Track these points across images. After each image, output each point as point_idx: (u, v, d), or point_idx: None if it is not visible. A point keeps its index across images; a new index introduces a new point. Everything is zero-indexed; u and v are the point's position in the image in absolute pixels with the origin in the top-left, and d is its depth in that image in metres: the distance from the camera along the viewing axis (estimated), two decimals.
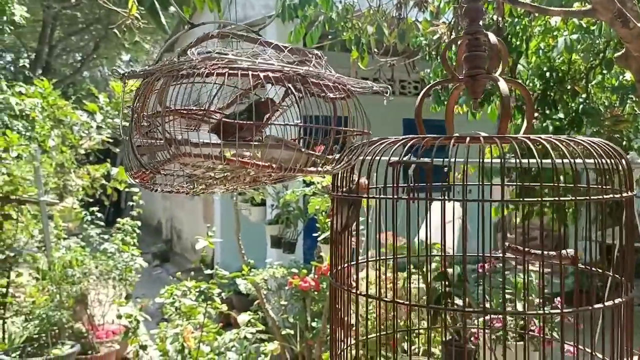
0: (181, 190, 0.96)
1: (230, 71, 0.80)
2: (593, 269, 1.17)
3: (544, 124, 3.26)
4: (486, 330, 2.48)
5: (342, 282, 1.23)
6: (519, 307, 2.35)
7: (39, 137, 6.27)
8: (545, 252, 1.19)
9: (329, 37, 3.36)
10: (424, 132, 1.13)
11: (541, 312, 1.25)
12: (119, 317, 4.22)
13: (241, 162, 0.81)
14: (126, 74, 0.84)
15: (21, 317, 5.13)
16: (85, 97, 8.51)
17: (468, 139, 1.01)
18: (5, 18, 8.72)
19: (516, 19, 3.17)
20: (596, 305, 1.03)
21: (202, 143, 0.79)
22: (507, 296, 2.38)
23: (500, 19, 2.91)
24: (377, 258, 1.45)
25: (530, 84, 3.61)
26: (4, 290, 5.20)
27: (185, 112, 0.92)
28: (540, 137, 1.00)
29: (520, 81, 3.69)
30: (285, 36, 3.60)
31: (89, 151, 6.57)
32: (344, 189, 1.16)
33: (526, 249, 1.19)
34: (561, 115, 3.56)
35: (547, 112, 3.60)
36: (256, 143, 0.83)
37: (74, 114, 6.32)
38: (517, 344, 2.24)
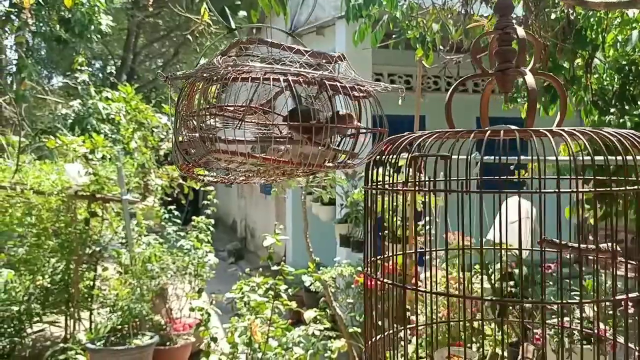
0: (224, 181, 1.02)
1: (253, 75, 0.85)
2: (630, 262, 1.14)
3: (621, 120, 3.11)
4: (549, 332, 2.40)
5: (375, 272, 1.26)
6: (587, 309, 2.26)
7: (124, 139, 6.65)
8: (584, 246, 1.17)
9: (394, 36, 3.35)
10: (453, 126, 1.13)
11: (559, 302, 1.28)
12: (192, 309, 4.41)
13: (263, 159, 0.86)
14: (169, 77, 0.91)
15: (106, 308, 5.46)
16: (165, 100, 8.91)
17: (488, 132, 1.00)
18: (93, 27, 9.28)
19: (590, 11, 3.03)
20: (618, 297, 1.02)
21: (229, 140, 0.85)
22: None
23: (570, 10, 2.80)
24: (401, 251, 1.46)
25: (608, 79, 3.45)
26: (92, 283, 5.56)
27: (229, 110, 0.98)
28: (563, 130, 0.98)
29: (597, 75, 3.53)
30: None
31: (167, 152, 6.88)
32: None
33: (563, 243, 1.18)
34: None
35: (627, 107, 3.42)
36: (280, 139, 0.88)
37: (154, 117, 6.65)
38: (579, 347, 2.16)
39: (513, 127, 1.02)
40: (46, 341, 5.73)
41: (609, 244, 1.13)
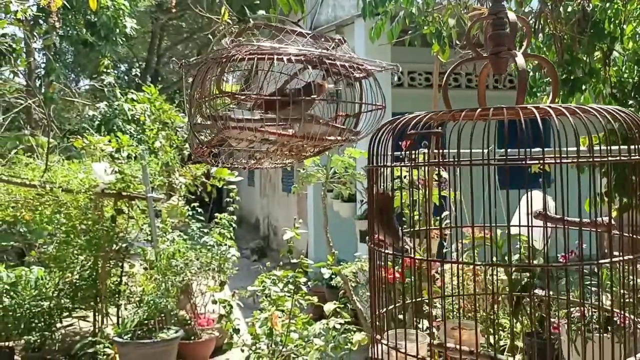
0: (237, 165, 1.08)
1: (259, 55, 0.91)
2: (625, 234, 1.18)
3: None
4: (566, 321, 2.42)
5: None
6: (604, 300, 2.27)
7: (149, 139, 6.79)
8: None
9: (409, 32, 3.38)
10: (450, 107, 1.18)
11: (545, 264, 1.33)
12: (214, 302, 4.50)
13: (269, 132, 0.92)
14: (182, 64, 0.98)
15: (133, 304, 5.59)
16: None
17: (492, 109, 1.05)
18: (118, 30, 9.48)
19: (607, 3, 3.02)
20: (601, 261, 1.07)
21: (239, 119, 0.91)
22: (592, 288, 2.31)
23: (586, 2, 2.80)
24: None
25: (627, 71, 3.43)
26: (119, 279, 5.71)
27: (240, 95, 1.05)
28: (560, 106, 1.02)
29: (616, 67, 3.51)
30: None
31: (190, 152, 6.99)
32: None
33: (561, 217, 1.21)
34: None
35: None
36: (284, 118, 0.93)
37: (178, 117, 6.78)
38: (598, 336, 2.17)
39: (504, 105, 1.07)
40: (75, 335, 5.90)
41: (605, 218, 1.17)
